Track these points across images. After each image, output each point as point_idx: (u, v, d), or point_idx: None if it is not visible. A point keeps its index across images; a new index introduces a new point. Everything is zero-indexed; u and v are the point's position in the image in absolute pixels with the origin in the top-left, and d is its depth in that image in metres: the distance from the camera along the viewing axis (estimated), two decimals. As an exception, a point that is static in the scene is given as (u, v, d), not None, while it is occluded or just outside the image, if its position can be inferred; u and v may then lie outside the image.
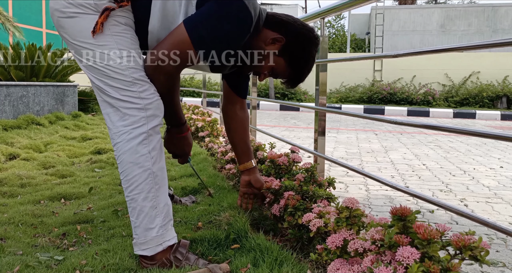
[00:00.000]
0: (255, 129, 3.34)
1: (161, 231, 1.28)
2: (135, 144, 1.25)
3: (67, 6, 1.24)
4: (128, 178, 1.27)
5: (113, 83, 1.25)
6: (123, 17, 1.28)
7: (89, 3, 1.23)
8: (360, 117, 1.70)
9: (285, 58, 1.41)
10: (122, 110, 1.26)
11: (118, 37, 1.26)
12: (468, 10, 18.38)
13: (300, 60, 1.43)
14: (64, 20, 1.26)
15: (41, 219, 1.77)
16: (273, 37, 1.38)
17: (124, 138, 1.26)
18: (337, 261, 1.10)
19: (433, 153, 4.49)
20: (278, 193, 1.67)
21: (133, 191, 1.27)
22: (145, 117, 1.26)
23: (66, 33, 1.28)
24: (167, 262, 1.29)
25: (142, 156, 1.26)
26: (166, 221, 1.30)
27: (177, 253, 1.30)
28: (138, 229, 1.28)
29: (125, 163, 1.26)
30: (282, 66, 1.43)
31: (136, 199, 1.27)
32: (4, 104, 4.31)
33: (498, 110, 10.40)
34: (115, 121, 1.27)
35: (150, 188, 1.27)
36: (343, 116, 8.91)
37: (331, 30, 25.07)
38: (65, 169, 2.70)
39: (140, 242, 1.28)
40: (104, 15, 1.22)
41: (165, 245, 1.29)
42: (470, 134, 1.15)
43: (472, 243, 0.90)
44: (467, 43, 1.16)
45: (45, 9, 20.79)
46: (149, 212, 1.27)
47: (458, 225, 2.13)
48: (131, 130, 1.25)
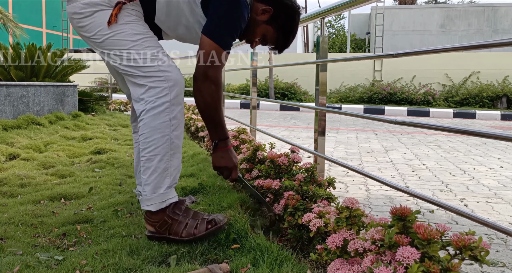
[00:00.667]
0: (255, 129, 3.34)
1: (167, 190, 1.45)
2: (158, 111, 1.40)
3: (83, 7, 1.41)
4: (148, 140, 1.42)
5: (134, 63, 1.42)
6: (134, 10, 1.45)
7: (103, 0, 1.40)
8: (360, 117, 1.70)
9: (274, 26, 1.60)
10: (148, 84, 1.41)
11: (132, 24, 1.43)
12: (468, 10, 18.39)
13: (286, 26, 1.62)
14: (83, 19, 1.42)
15: (41, 219, 1.77)
16: (262, 8, 1.56)
17: (149, 106, 1.41)
18: (337, 261, 1.10)
19: (433, 153, 4.49)
20: (278, 193, 1.67)
21: (150, 152, 1.42)
22: (167, 88, 1.41)
23: (86, 31, 1.44)
24: (169, 220, 1.45)
25: (163, 122, 1.41)
26: (173, 183, 1.47)
27: (176, 209, 1.47)
28: (148, 186, 1.44)
29: (147, 126, 1.41)
30: (271, 33, 1.62)
31: (152, 160, 1.42)
32: (4, 104, 4.31)
33: (498, 110, 10.40)
34: (140, 94, 1.43)
35: (166, 152, 1.42)
36: (343, 116, 8.91)
37: (331, 30, 25.08)
38: (65, 169, 2.70)
39: (146, 198, 1.44)
40: (117, 7, 1.39)
41: (168, 202, 1.45)
42: (470, 134, 1.15)
43: (472, 243, 0.90)
44: (467, 43, 1.16)
45: (45, 9, 20.79)
46: (161, 173, 1.43)
47: (458, 225, 2.13)
48: (155, 99, 1.40)
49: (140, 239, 1.53)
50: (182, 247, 1.42)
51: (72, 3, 1.43)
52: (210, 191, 2.09)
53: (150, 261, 1.34)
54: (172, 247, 1.42)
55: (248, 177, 2.04)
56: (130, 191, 2.21)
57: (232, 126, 3.16)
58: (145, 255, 1.36)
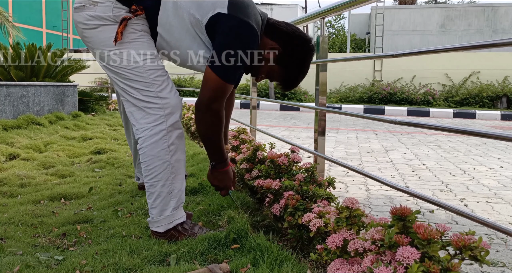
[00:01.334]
0: (255, 129, 3.34)
1: (173, 212, 1.49)
2: (156, 139, 1.44)
3: (89, 19, 1.42)
4: (149, 168, 1.46)
5: (134, 84, 1.44)
6: (139, 25, 1.45)
7: (108, 15, 1.40)
8: (360, 117, 1.70)
9: (281, 65, 1.55)
10: (144, 109, 1.44)
11: (136, 42, 1.43)
12: (468, 10, 18.38)
13: (294, 69, 1.56)
14: (87, 31, 1.44)
15: (41, 219, 1.77)
16: (271, 46, 1.52)
17: (147, 133, 1.44)
18: (337, 261, 1.10)
19: (433, 153, 4.49)
20: (278, 193, 1.67)
21: (152, 179, 1.46)
22: (164, 116, 1.44)
23: (90, 42, 1.46)
24: (176, 234, 1.50)
25: (162, 150, 1.44)
26: (178, 203, 1.51)
27: (184, 224, 1.52)
28: (154, 210, 1.49)
29: (146, 155, 1.45)
30: (277, 72, 1.57)
31: (155, 186, 1.47)
32: (4, 104, 4.31)
33: (498, 110, 10.39)
34: (138, 119, 1.46)
35: (168, 177, 1.47)
36: (343, 116, 8.91)
37: (331, 30, 25.07)
38: (65, 169, 2.70)
39: (154, 221, 1.50)
40: (122, 25, 1.39)
41: (175, 223, 1.50)
42: (470, 134, 1.14)
43: (472, 243, 0.90)
44: (467, 43, 1.16)
45: (45, 9, 20.79)
46: (165, 197, 1.48)
47: (458, 225, 2.13)
48: (152, 127, 1.44)
49: (140, 239, 1.53)
50: (182, 247, 1.42)
51: (79, 12, 1.44)
52: (210, 191, 2.09)
53: (150, 260, 1.34)
54: (172, 247, 1.42)
55: (248, 177, 2.04)
56: (130, 191, 2.21)
57: (232, 126, 3.16)
58: (145, 255, 1.36)
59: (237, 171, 2.19)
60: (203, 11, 1.41)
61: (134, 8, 1.42)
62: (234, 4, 1.40)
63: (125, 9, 1.42)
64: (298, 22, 2.42)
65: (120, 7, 1.41)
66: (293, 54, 1.53)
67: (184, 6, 1.42)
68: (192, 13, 1.42)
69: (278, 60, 1.53)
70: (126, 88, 1.45)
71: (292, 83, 1.61)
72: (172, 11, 1.43)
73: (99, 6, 1.40)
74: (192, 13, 1.42)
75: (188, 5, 1.42)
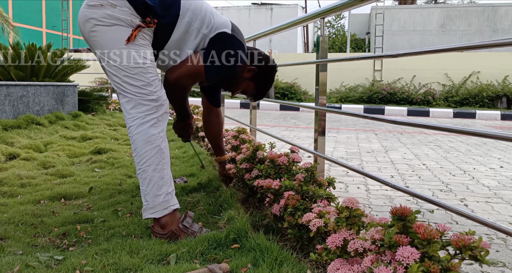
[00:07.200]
0: (255, 129, 3.34)
1: (167, 197, 1.54)
2: (148, 126, 1.53)
3: (105, 17, 1.51)
4: (140, 153, 1.53)
5: (133, 82, 1.53)
6: (147, 35, 1.59)
7: (126, 18, 1.52)
8: (360, 117, 1.70)
9: (255, 82, 1.95)
10: (137, 100, 1.53)
11: (143, 47, 1.56)
12: (468, 10, 18.38)
13: (264, 83, 1.97)
14: (100, 27, 1.52)
15: (41, 219, 1.77)
16: (249, 67, 1.89)
17: (138, 121, 1.53)
18: (337, 261, 1.10)
19: (433, 152, 4.49)
20: (278, 193, 1.67)
21: (144, 163, 1.53)
22: (156, 106, 1.55)
23: (97, 37, 1.53)
24: (176, 232, 1.53)
25: (153, 135, 1.53)
26: (170, 189, 1.57)
27: (185, 222, 1.55)
28: (148, 195, 1.53)
29: (138, 141, 1.53)
30: (251, 88, 1.97)
31: (147, 170, 1.53)
32: (4, 104, 4.31)
33: (498, 110, 10.39)
34: (128, 109, 1.54)
35: (159, 161, 1.54)
36: (343, 116, 8.91)
37: (331, 30, 25.06)
38: (65, 168, 2.70)
39: (149, 207, 1.53)
40: (138, 29, 1.53)
41: (170, 209, 1.54)
42: (470, 134, 1.14)
43: (472, 243, 0.90)
44: (467, 43, 1.16)
45: (45, 9, 20.78)
46: (157, 181, 1.53)
47: (458, 225, 2.13)
48: (144, 116, 1.53)
49: (140, 238, 1.53)
50: (182, 246, 1.42)
51: (94, 9, 1.51)
52: (210, 191, 2.09)
53: (150, 259, 1.34)
54: (172, 247, 1.42)
55: (248, 176, 2.04)
56: (130, 190, 2.21)
57: (232, 126, 3.15)
58: (145, 255, 1.36)
59: (237, 171, 2.20)
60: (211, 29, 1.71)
61: (149, 20, 1.55)
62: (236, 30, 1.79)
63: (140, 19, 1.55)
64: (298, 22, 2.42)
65: (136, 15, 1.54)
66: (265, 72, 1.94)
67: (196, 26, 1.67)
68: (202, 32, 1.69)
69: (253, 78, 1.92)
70: (123, 84, 1.54)
71: (262, 94, 2.02)
72: (183, 29, 1.66)
73: (117, 8, 1.51)
74: (202, 31, 1.69)
75: (199, 25, 1.68)
